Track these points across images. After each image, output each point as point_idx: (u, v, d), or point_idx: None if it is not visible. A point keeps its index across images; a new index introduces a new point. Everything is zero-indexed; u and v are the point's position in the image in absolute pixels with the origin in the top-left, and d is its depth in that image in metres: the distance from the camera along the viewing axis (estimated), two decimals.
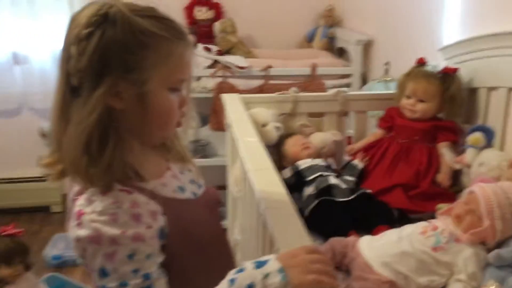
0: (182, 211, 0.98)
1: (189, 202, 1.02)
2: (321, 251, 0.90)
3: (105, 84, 0.87)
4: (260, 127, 2.02)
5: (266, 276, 0.83)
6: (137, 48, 0.88)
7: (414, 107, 1.98)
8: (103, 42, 0.86)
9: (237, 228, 2.15)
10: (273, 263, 0.85)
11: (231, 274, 0.86)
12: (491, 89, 1.92)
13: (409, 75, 2.03)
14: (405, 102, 2.01)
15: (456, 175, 1.92)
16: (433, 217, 1.77)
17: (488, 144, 1.86)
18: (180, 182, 1.04)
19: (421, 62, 2.05)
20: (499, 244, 1.41)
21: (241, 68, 2.97)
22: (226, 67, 2.97)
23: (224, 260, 1.09)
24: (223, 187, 2.32)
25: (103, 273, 0.86)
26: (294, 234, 0.98)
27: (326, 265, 0.86)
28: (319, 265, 0.85)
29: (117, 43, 0.86)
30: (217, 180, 2.60)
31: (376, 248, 1.46)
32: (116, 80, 0.87)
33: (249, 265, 0.86)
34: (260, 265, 0.85)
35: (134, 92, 0.89)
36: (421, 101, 1.97)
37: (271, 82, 3.12)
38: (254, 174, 1.28)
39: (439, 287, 1.39)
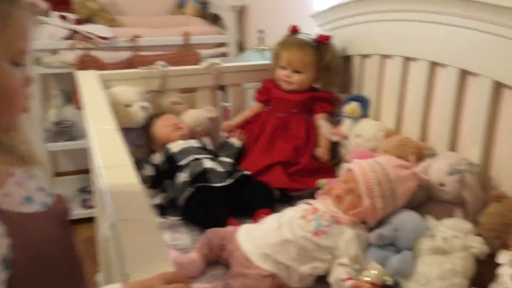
0: (31, 228, 0.78)
1: (38, 216, 0.82)
2: (183, 277, 0.74)
3: None
4: (123, 108, 1.79)
5: None
6: None
7: (290, 79, 1.87)
8: None
9: (106, 222, 1.93)
10: None
11: None
12: (365, 56, 1.87)
13: (282, 45, 1.92)
14: (281, 74, 1.89)
15: (334, 147, 1.87)
16: (314, 193, 1.70)
17: (364, 113, 1.82)
18: (27, 191, 0.83)
19: (294, 30, 1.94)
20: (379, 223, 1.36)
21: (104, 38, 2.66)
22: (87, 38, 2.64)
23: (75, 281, 0.90)
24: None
25: None
26: (152, 258, 0.80)
27: None
28: None
29: None
30: (83, 164, 2.34)
31: (256, 239, 1.34)
32: None
33: None
34: None
35: None
36: (297, 71, 1.87)
37: (141, 53, 2.86)
38: (106, 173, 1.07)
39: (321, 274, 1.32)
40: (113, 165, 1.10)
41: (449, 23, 1.42)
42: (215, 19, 3.25)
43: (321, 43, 1.88)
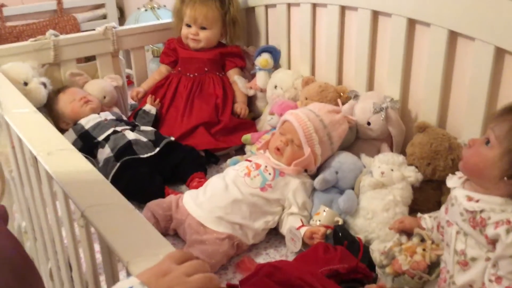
0: None
1: None
2: (191, 254, 0.70)
3: None
4: (21, 87, 1.59)
5: None
6: None
7: (197, 36, 1.80)
8: None
9: (17, 213, 1.75)
10: None
11: None
12: (269, 6, 1.86)
13: (184, 1, 1.83)
14: (187, 32, 1.82)
15: (251, 101, 1.87)
16: (241, 149, 1.71)
17: (276, 64, 1.83)
18: None
19: None
20: (318, 168, 1.40)
21: None
22: None
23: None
24: None
25: None
26: (145, 240, 0.74)
27: (205, 270, 0.67)
28: (199, 275, 0.65)
29: None
30: None
31: (204, 203, 1.31)
32: None
33: None
34: None
35: None
36: (203, 28, 1.80)
37: (9, 24, 2.57)
38: (46, 159, 0.95)
39: (273, 227, 1.34)
40: (52, 150, 0.98)
41: None
42: None
43: None
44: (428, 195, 1.36)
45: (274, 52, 1.82)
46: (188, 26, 1.81)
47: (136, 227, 0.78)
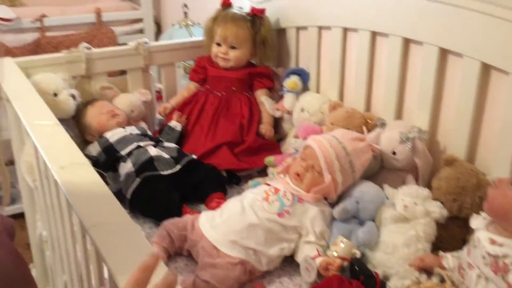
0: None
1: None
2: (174, 283, 0.67)
3: None
4: (51, 97, 1.62)
5: None
6: None
7: (226, 55, 1.80)
8: None
9: (39, 222, 1.78)
10: None
11: None
12: (300, 28, 1.85)
13: (216, 20, 1.84)
14: (216, 50, 1.82)
15: (277, 122, 1.85)
16: (263, 170, 1.69)
17: (305, 87, 1.81)
18: None
19: (227, 4, 1.87)
20: (339, 197, 1.36)
21: (6, 20, 2.41)
22: None
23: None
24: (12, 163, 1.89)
25: None
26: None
27: None
28: None
29: None
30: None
31: (219, 226, 1.28)
32: None
33: None
34: None
35: None
36: (233, 47, 1.80)
37: (49, 34, 2.65)
38: (60, 174, 0.95)
39: (288, 254, 1.30)
40: (66, 164, 0.99)
41: None
42: None
43: (256, 17, 1.82)
44: (453, 232, 1.29)
45: (303, 75, 1.80)
46: (218, 44, 1.82)
47: (138, 250, 0.76)
